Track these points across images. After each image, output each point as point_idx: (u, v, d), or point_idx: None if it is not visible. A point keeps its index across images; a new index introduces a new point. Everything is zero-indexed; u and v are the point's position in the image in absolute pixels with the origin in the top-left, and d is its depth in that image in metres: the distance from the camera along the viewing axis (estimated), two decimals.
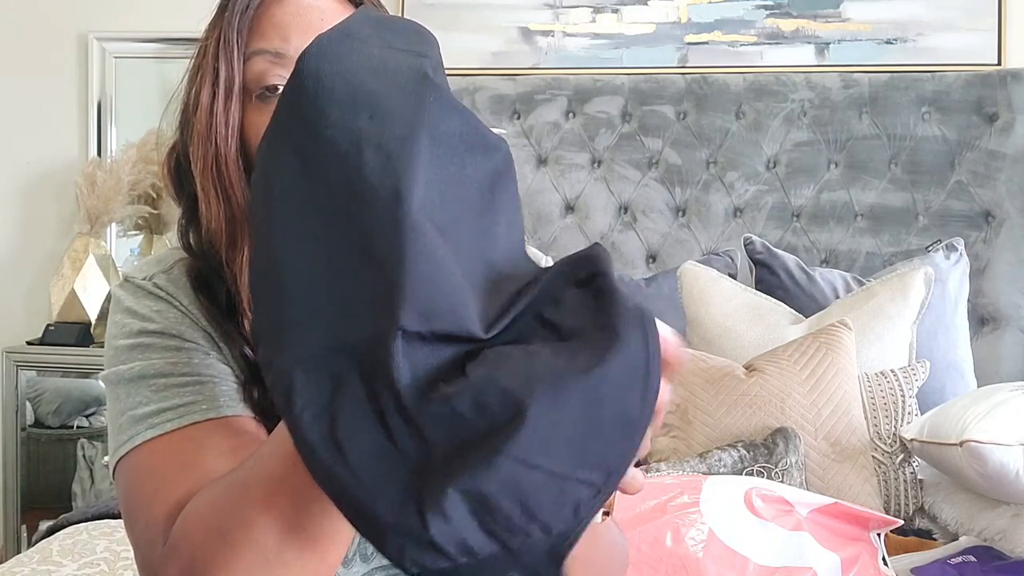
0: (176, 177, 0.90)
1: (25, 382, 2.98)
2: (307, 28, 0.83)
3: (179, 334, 0.82)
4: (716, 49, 2.80)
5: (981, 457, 1.55)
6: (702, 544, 1.37)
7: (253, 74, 0.83)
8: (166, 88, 3.21)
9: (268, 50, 0.83)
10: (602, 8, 2.86)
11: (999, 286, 2.52)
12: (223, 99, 0.83)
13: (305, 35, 0.82)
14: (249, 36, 0.83)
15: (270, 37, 0.83)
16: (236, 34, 0.83)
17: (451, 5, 2.89)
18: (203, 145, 0.83)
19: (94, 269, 2.99)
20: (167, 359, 0.80)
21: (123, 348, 0.82)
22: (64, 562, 1.64)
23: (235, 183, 0.83)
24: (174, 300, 0.84)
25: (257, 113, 0.83)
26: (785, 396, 1.93)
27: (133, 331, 0.82)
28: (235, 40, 0.83)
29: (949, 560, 1.57)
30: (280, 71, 0.82)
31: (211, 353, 0.82)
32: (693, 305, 2.31)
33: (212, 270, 0.85)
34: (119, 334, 0.83)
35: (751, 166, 2.68)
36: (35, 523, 2.68)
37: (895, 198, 2.61)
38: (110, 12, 3.14)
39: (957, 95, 2.58)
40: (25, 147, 3.19)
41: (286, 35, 0.83)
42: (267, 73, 0.83)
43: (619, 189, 2.74)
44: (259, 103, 0.83)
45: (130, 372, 0.80)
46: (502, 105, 2.78)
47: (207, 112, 0.83)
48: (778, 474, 1.78)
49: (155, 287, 0.84)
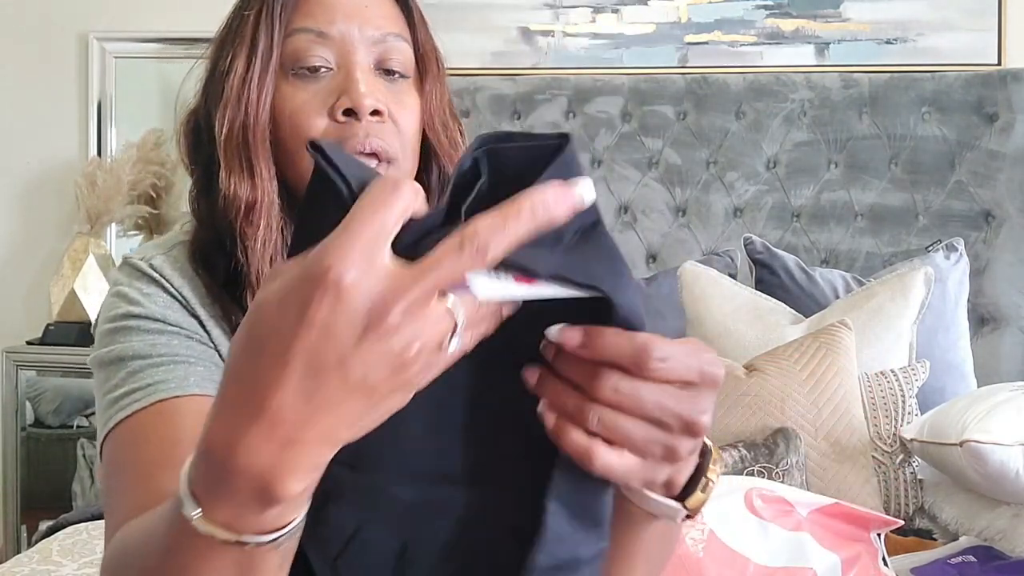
0: (193, 140, 0.90)
1: (25, 382, 2.98)
2: (353, 14, 0.84)
3: (162, 318, 0.83)
4: (716, 49, 2.80)
5: (981, 457, 1.55)
6: (702, 544, 1.37)
7: (293, 49, 0.84)
8: (166, 88, 3.21)
9: (312, 29, 0.83)
10: (602, 8, 2.86)
11: (999, 286, 2.52)
12: (259, 70, 0.83)
13: (350, 20, 0.84)
14: (295, 14, 0.84)
15: (316, 16, 0.84)
16: (281, 7, 0.84)
17: (451, 5, 2.89)
18: (232, 111, 0.84)
19: (94, 269, 2.99)
20: (146, 341, 0.82)
21: (106, 332, 0.84)
22: (64, 562, 1.63)
23: (260, 155, 0.83)
24: (167, 283, 0.85)
25: (291, 88, 0.84)
26: (785, 396, 1.93)
27: (118, 315, 0.83)
28: (279, 14, 0.83)
29: (949, 560, 1.57)
30: (321, 51, 0.83)
31: (193, 336, 0.84)
32: (693, 305, 2.31)
33: (218, 241, 0.85)
34: (105, 318, 0.85)
35: (751, 166, 2.68)
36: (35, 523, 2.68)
37: (895, 198, 2.60)
38: (110, 12, 3.14)
39: (957, 95, 2.58)
40: (25, 147, 3.19)
41: (332, 17, 0.84)
42: (307, 52, 0.83)
43: (619, 189, 2.74)
44: (294, 79, 0.84)
45: (109, 355, 0.82)
46: (502, 105, 2.78)
47: (240, 80, 0.83)
48: (778, 474, 1.78)
49: (151, 268, 0.86)
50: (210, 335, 0.84)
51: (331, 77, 0.84)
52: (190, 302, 0.85)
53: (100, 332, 0.85)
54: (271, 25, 0.83)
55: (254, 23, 0.84)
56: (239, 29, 0.85)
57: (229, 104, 0.83)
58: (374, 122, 0.83)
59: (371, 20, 0.85)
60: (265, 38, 0.83)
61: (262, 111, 0.83)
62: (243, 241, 0.83)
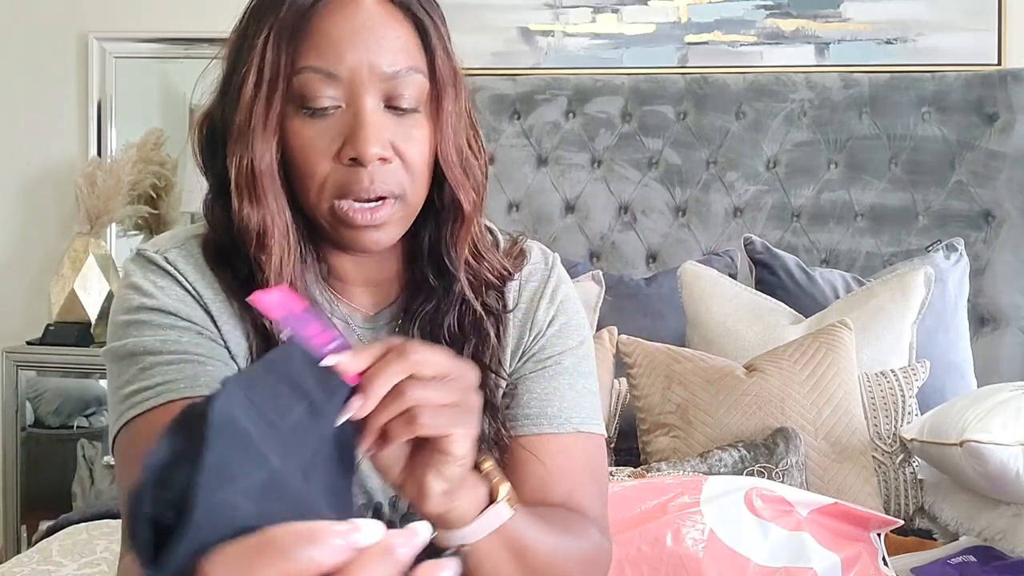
0: (208, 145, 0.88)
1: (25, 382, 2.98)
2: (363, 47, 0.81)
3: (176, 312, 0.84)
4: (716, 49, 2.80)
5: (981, 457, 1.55)
6: (702, 544, 1.37)
7: (300, 87, 0.81)
8: (166, 88, 3.21)
9: (320, 69, 0.80)
10: (602, 8, 2.86)
11: (999, 286, 2.52)
12: (264, 107, 0.81)
13: (359, 55, 0.80)
14: (303, 46, 0.81)
15: (324, 52, 0.80)
16: (288, 40, 0.81)
17: (451, 5, 2.84)
18: (240, 147, 0.82)
19: (94, 269, 2.99)
20: (158, 337, 0.82)
21: (120, 324, 0.84)
22: (64, 562, 1.64)
23: (267, 188, 0.83)
24: (181, 276, 0.85)
25: (300, 123, 0.82)
26: (785, 396, 1.93)
27: (132, 307, 0.84)
28: (285, 47, 0.81)
29: (949, 560, 1.57)
30: (329, 91, 0.81)
31: (204, 332, 0.84)
32: (693, 305, 2.31)
33: (233, 246, 0.85)
34: (119, 309, 0.85)
35: (751, 166, 2.68)
36: (35, 523, 2.68)
37: (895, 198, 2.61)
38: (110, 12, 3.14)
39: (957, 95, 2.58)
40: (25, 147, 3.19)
41: (340, 53, 0.80)
42: (315, 92, 0.81)
43: (619, 189, 2.74)
44: (305, 116, 0.82)
45: (123, 349, 0.83)
46: (502, 105, 2.78)
47: (246, 115, 0.82)
48: (778, 474, 1.78)
49: (165, 261, 0.86)
50: (221, 331, 0.85)
51: (339, 115, 0.81)
52: (203, 297, 0.85)
53: (113, 323, 0.85)
54: (278, 59, 0.81)
55: (261, 52, 0.81)
56: (248, 54, 0.82)
57: (237, 139, 0.82)
58: (380, 166, 0.81)
59: (382, 54, 0.81)
60: (271, 70, 0.81)
61: (266, 151, 0.82)
62: (259, 264, 0.83)
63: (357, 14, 0.81)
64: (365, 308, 0.92)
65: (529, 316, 0.94)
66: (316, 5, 0.81)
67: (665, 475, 1.72)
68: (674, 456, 1.90)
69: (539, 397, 0.92)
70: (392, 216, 0.83)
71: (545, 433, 0.91)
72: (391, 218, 0.83)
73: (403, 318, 0.91)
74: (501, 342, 0.92)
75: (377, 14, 0.82)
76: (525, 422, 0.91)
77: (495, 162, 2.77)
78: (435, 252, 0.89)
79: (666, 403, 1.97)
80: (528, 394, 0.92)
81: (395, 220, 0.84)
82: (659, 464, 1.83)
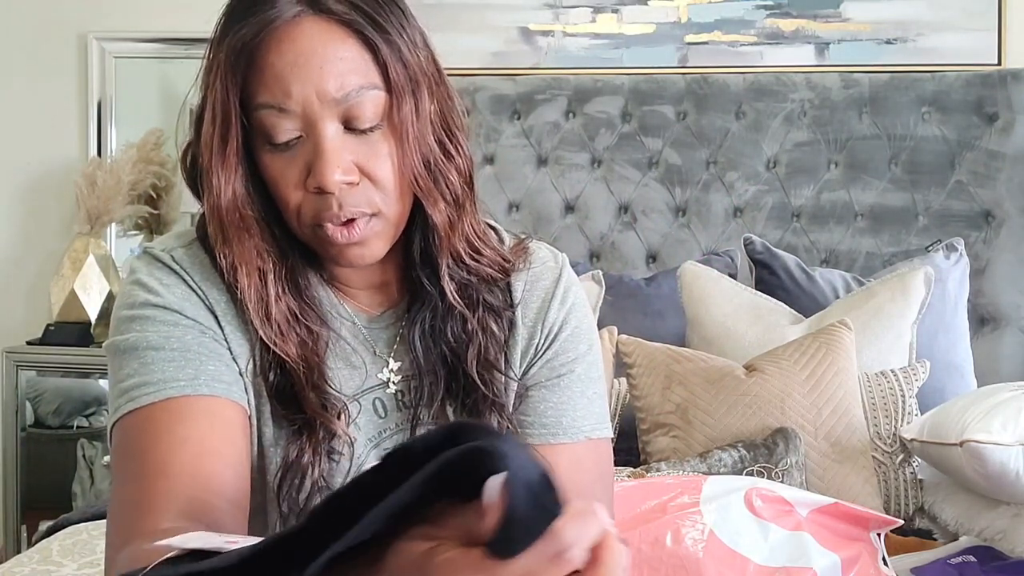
0: (193, 174, 0.90)
1: (25, 382, 2.98)
2: (307, 78, 0.80)
3: (180, 310, 0.85)
4: (716, 49, 2.80)
5: (981, 457, 1.55)
6: (702, 544, 1.37)
7: (261, 123, 0.81)
8: (166, 88, 3.21)
9: (272, 105, 0.80)
10: (602, 8, 2.86)
11: (999, 286, 2.52)
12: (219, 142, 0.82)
13: (306, 86, 0.80)
14: (253, 81, 0.81)
15: (272, 88, 0.80)
16: (234, 79, 0.81)
17: (451, 5, 2.89)
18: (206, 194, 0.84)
19: (94, 269, 2.99)
20: (161, 333, 0.83)
21: (124, 319, 0.85)
22: (64, 562, 1.64)
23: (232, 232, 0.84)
24: (186, 275, 0.87)
25: (271, 158, 0.83)
26: (785, 396, 1.93)
27: (136, 302, 0.85)
28: (231, 86, 0.81)
29: (949, 560, 1.57)
30: (286, 124, 0.81)
31: (207, 332, 0.85)
32: (693, 305, 2.31)
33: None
34: (123, 304, 0.86)
35: (751, 166, 2.68)
36: (35, 523, 2.68)
37: (895, 198, 2.61)
38: (110, 12, 3.14)
39: (957, 95, 2.58)
40: (25, 147, 3.19)
41: (287, 87, 0.80)
42: (274, 128, 0.81)
43: (619, 189, 2.74)
44: (272, 149, 0.82)
45: (125, 343, 0.83)
46: (502, 105, 2.78)
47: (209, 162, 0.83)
48: (778, 474, 1.78)
49: (171, 259, 0.87)
50: (224, 331, 0.86)
51: (301, 145, 0.81)
52: (208, 297, 0.86)
53: (116, 318, 0.86)
54: (227, 97, 0.81)
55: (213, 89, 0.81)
56: (205, 91, 0.83)
57: (204, 176, 0.84)
58: (347, 190, 0.81)
59: (327, 79, 0.80)
60: (222, 109, 0.81)
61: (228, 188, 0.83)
62: (239, 291, 0.85)
63: (298, 42, 0.80)
64: (370, 308, 0.93)
65: (541, 316, 0.94)
66: (257, 38, 0.80)
67: (665, 475, 1.72)
68: (674, 456, 1.90)
69: (555, 406, 0.93)
70: (370, 232, 0.83)
71: (560, 443, 0.92)
72: (370, 233, 0.84)
73: (406, 319, 0.92)
74: (508, 341, 0.92)
75: (319, 39, 0.80)
76: (542, 431, 0.92)
77: (495, 162, 2.77)
78: (427, 258, 0.89)
79: (666, 403, 1.97)
80: (544, 403, 0.93)
81: (376, 235, 0.84)
82: (659, 464, 1.83)
